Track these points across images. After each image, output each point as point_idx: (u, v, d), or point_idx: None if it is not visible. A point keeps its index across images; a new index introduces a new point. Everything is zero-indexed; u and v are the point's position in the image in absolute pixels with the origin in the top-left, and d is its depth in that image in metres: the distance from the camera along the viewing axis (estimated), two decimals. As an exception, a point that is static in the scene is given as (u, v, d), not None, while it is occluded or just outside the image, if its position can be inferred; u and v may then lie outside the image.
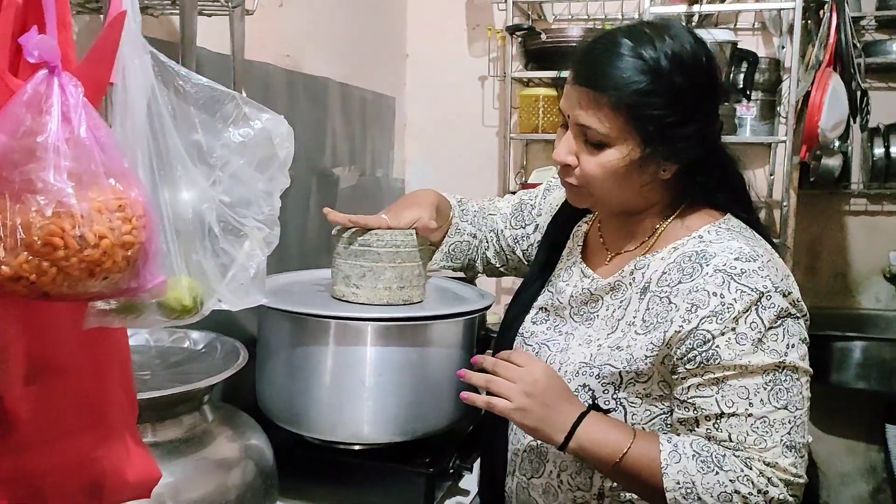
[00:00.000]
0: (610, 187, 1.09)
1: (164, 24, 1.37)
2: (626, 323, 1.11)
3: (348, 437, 1.37)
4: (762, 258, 1.05)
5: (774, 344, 1.02)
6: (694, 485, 1.00)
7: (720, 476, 1.00)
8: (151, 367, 1.15)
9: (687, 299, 1.04)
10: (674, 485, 1.00)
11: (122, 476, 0.77)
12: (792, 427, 1.01)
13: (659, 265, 1.10)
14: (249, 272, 0.80)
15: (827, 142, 2.22)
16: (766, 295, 1.02)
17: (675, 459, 1.01)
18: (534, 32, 2.40)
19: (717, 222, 1.12)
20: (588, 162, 1.08)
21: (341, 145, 2.14)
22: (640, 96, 1.03)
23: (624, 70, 1.03)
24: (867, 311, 2.67)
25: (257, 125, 0.80)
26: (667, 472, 1.01)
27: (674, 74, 1.04)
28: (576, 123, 1.07)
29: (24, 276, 0.59)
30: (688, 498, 1.00)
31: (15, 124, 0.59)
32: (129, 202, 0.63)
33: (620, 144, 1.06)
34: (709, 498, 0.99)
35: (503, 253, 1.42)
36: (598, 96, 1.04)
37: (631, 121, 1.04)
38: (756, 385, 1.01)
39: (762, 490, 0.99)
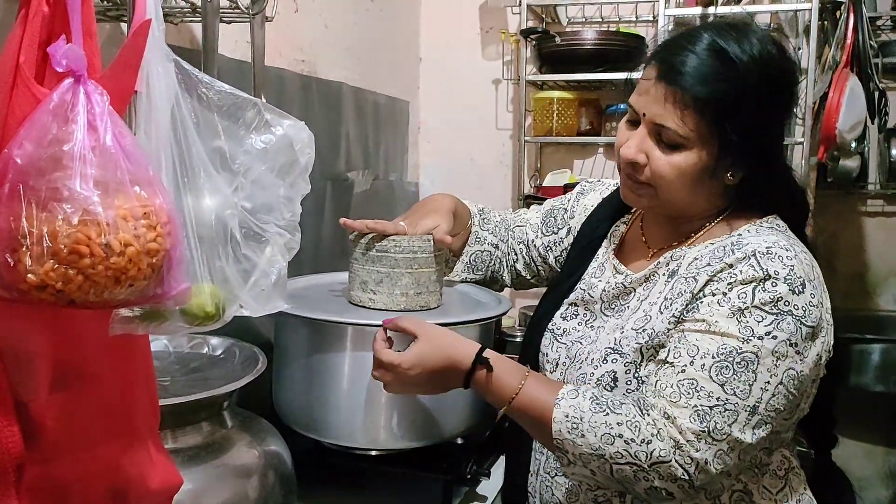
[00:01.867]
0: (678, 189, 1.07)
1: (184, 31, 1.37)
2: (648, 303, 1.11)
3: (366, 442, 1.37)
4: (796, 252, 1.03)
5: (754, 323, 0.98)
6: (581, 420, 0.98)
7: (609, 417, 0.98)
8: (171, 372, 1.15)
9: (707, 273, 1.04)
10: (562, 417, 0.99)
11: (145, 483, 0.77)
12: (716, 407, 0.96)
13: (693, 255, 1.10)
14: (271, 278, 0.81)
15: (845, 143, 2.20)
16: (772, 279, 0.99)
17: (573, 396, 1.01)
18: (548, 35, 2.40)
19: (760, 221, 1.11)
20: (660, 161, 1.06)
21: (355, 149, 2.14)
22: (724, 102, 1.01)
23: (712, 72, 1.01)
24: (886, 312, 2.64)
25: (279, 131, 0.80)
26: (559, 404, 1.00)
27: (758, 80, 1.02)
28: (652, 122, 1.05)
29: (50, 284, 0.59)
30: (572, 433, 0.98)
31: (41, 133, 0.59)
32: (153, 209, 0.64)
33: (697, 148, 1.04)
34: (592, 436, 0.97)
35: (534, 264, 1.41)
36: (683, 98, 1.02)
37: (714, 126, 1.02)
38: (707, 349, 0.98)
39: (645, 439, 0.96)
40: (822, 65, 2.28)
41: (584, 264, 1.26)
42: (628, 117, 1.11)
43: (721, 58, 1.02)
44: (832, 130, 2.12)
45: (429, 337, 1.10)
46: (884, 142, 2.53)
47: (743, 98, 1.02)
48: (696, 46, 1.03)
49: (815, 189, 2.35)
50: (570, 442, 0.99)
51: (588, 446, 0.98)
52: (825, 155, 2.25)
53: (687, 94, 1.01)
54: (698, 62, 1.02)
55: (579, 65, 2.38)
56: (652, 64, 1.07)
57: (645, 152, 1.07)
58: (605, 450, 0.97)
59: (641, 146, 1.07)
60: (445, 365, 1.08)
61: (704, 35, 1.04)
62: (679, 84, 1.02)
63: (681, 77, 1.02)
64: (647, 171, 1.08)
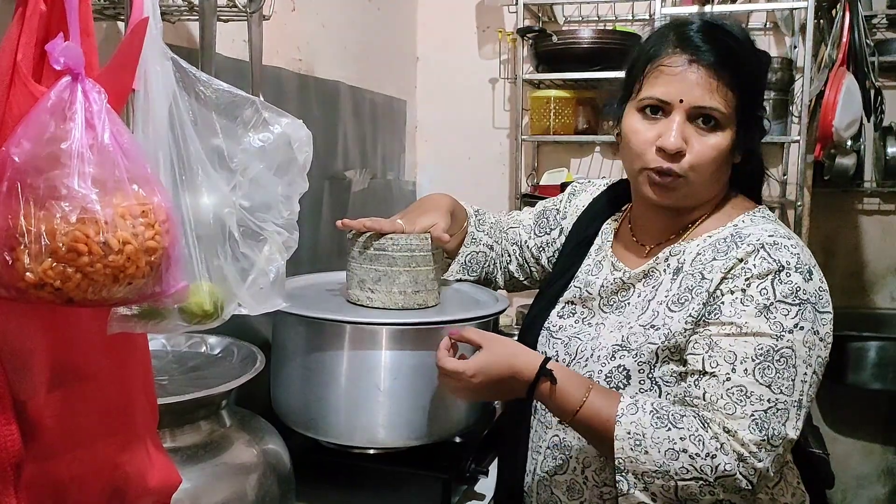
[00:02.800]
0: (710, 172, 1.09)
1: (181, 30, 1.37)
2: (657, 303, 1.11)
3: (364, 441, 1.37)
4: (797, 240, 1.06)
5: (782, 318, 0.99)
6: (644, 437, 0.98)
7: (672, 432, 0.97)
8: (169, 371, 1.15)
9: (720, 269, 1.05)
10: (624, 434, 0.99)
11: (143, 482, 0.77)
12: (770, 409, 0.97)
13: (694, 249, 1.11)
14: (269, 276, 0.81)
15: (841, 141, 2.21)
16: (786, 270, 1.01)
17: (633, 411, 1.00)
18: (544, 34, 2.40)
19: (752, 211, 1.14)
20: (702, 145, 1.07)
21: (353, 149, 2.14)
22: (755, 81, 1.08)
23: (743, 54, 1.07)
24: (883, 310, 2.65)
25: (277, 130, 0.80)
26: (620, 421, 0.99)
27: (758, 60, 1.10)
28: (694, 106, 1.06)
29: (48, 282, 0.59)
30: (635, 449, 0.98)
31: (39, 131, 0.59)
32: (152, 207, 0.63)
33: (729, 127, 1.07)
34: (656, 453, 0.97)
35: (527, 265, 1.41)
36: (728, 78, 1.05)
37: (741, 103, 1.06)
38: (745, 353, 0.99)
39: (710, 454, 0.96)
40: (819, 63, 2.28)
41: (577, 263, 1.26)
42: (642, 113, 1.10)
43: (732, 38, 1.07)
44: (829, 128, 2.13)
45: (492, 346, 1.09)
46: (880, 140, 2.54)
47: (759, 72, 1.10)
48: (707, 29, 1.07)
49: (811, 187, 2.35)
50: (633, 460, 0.98)
51: (652, 462, 0.97)
52: (822, 153, 2.26)
53: (731, 74, 1.05)
54: (723, 43, 1.06)
55: (576, 63, 2.38)
56: (672, 51, 1.08)
57: (685, 139, 1.07)
58: (670, 466, 0.96)
59: (682, 133, 1.07)
60: (508, 374, 1.07)
61: (719, 24, 1.09)
62: (717, 64, 1.05)
63: (718, 57, 1.05)
64: (688, 159, 1.07)
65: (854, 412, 2.66)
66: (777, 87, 2.35)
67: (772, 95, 2.33)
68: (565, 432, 1.17)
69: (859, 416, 2.67)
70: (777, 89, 2.35)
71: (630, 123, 1.12)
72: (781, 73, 2.36)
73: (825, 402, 2.67)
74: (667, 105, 1.07)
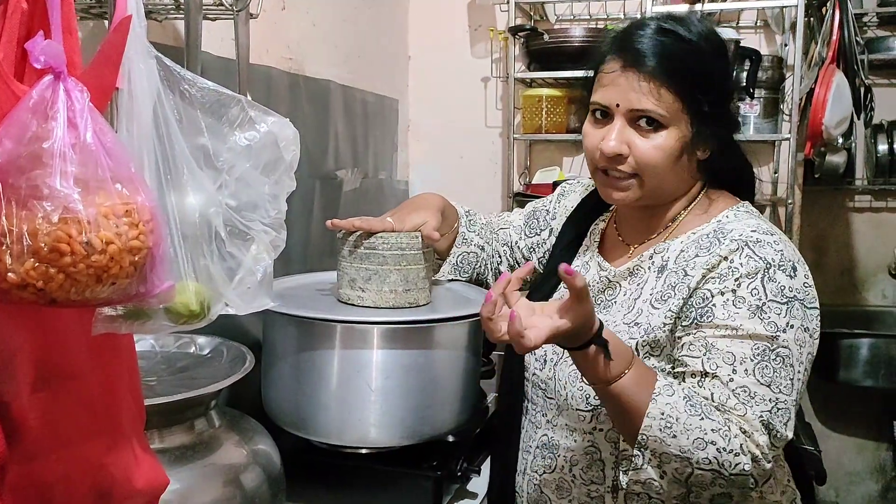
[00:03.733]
0: (663, 171, 1.09)
1: (168, 28, 1.37)
2: (641, 301, 1.12)
3: (355, 440, 1.37)
4: (779, 235, 1.07)
5: (775, 317, 1.00)
6: (677, 420, 0.97)
7: (704, 422, 0.97)
8: (157, 372, 1.14)
9: (702, 266, 1.05)
10: (658, 413, 0.98)
11: (130, 483, 0.76)
12: (773, 408, 0.98)
13: (678, 247, 1.12)
14: (257, 276, 0.80)
15: (831, 138, 2.21)
16: (773, 267, 1.02)
17: (669, 393, 1.00)
18: (536, 33, 2.40)
19: (735, 206, 1.14)
20: (644, 146, 1.08)
21: (344, 148, 2.14)
22: (693, 76, 1.07)
23: (675, 51, 1.07)
24: (874, 307, 2.66)
25: (263, 128, 0.79)
26: (656, 400, 0.98)
27: (712, 55, 1.10)
28: (629, 109, 1.07)
29: (31, 282, 0.59)
30: (664, 431, 0.97)
31: (21, 130, 0.59)
32: (135, 207, 0.63)
33: (675, 126, 1.07)
34: (684, 439, 0.97)
35: (518, 266, 1.41)
36: (657, 78, 1.05)
37: (687, 100, 1.06)
38: (743, 354, 1.00)
39: (735, 451, 0.97)
40: (809, 61, 2.29)
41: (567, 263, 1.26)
42: (593, 117, 1.13)
43: (676, 37, 1.08)
44: (819, 126, 2.13)
45: None
46: (870, 137, 2.55)
47: (705, 70, 1.08)
48: (650, 32, 1.08)
49: (802, 185, 2.36)
50: (658, 440, 0.98)
51: (678, 448, 0.97)
52: (812, 151, 2.26)
53: (659, 73, 1.05)
54: (658, 43, 1.07)
55: (568, 62, 2.38)
56: (611, 58, 1.10)
57: (626, 143, 1.09)
58: (695, 454, 0.97)
59: (621, 137, 1.08)
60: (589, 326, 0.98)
61: (650, 23, 1.10)
62: (649, 66, 1.06)
63: (648, 59, 1.06)
64: (631, 161, 1.09)
65: (846, 409, 2.67)
66: (767, 85, 2.35)
67: (762, 93, 2.34)
68: (553, 431, 1.17)
69: (851, 413, 2.68)
70: (767, 87, 2.35)
71: (584, 128, 1.15)
72: (772, 71, 2.36)
73: (817, 399, 2.67)
74: (608, 110, 1.10)
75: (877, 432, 2.68)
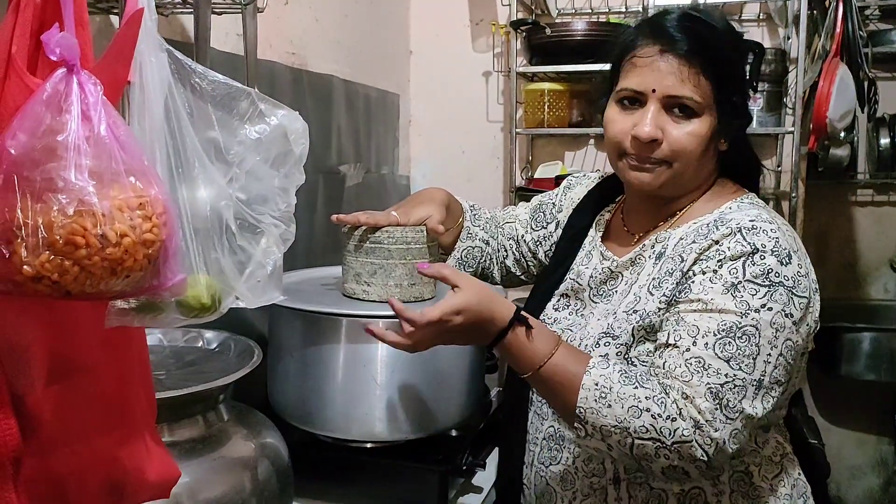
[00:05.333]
0: (694, 159, 1.10)
1: (175, 24, 1.36)
2: (638, 286, 1.12)
3: (361, 435, 1.37)
4: (780, 225, 1.06)
5: (749, 297, 0.99)
6: (611, 390, 0.98)
7: (638, 391, 0.98)
8: (166, 366, 1.14)
9: (696, 251, 1.06)
10: (592, 384, 0.99)
11: (142, 476, 0.77)
12: (727, 383, 0.97)
13: (678, 235, 1.12)
14: (267, 269, 0.80)
15: (835, 132, 2.21)
16: (760, 252, 1.01)
17: (604, 366, 1.01)
18: (538, 27, 2.39)
19: (740, 198, 1.14)
20: (678, 132, 1.08)
21: (347, 143, 2.14)
22: (729, 67, 1.08)
23: (713, 41, 1.08)
24: (876, 301, 2.66)
25: (273, 121, 0.79)
26: (590, 372, 1.00)
27: (736, 48, 1.11)
28: (667, 95, 1.07)
29: (46, 275, 0.59)
30: (599, 401, 0.98)
31: (35, 123, 0.59)
32: (149, 200, 0.63)
33: (707, 114, 1.08)
34: (619, 408, 0.97)
35: (524, 260, 1.41)
36: (698, 65, 1.06)
37: (721, 91, 1.07)
38: (708, 328, 0.99)
39: (671, 416, 0.96)
40: (812, 54, 2.28)
41: (572, 255, 1.27)
42: (619, 104, 1.12)
43: (712, 28, 1.09)
44: (822, 119, 2.13)
45: (472, 285, 1.04)
46: (873, 131, 2.55)
47: (734, 60, 1.10)
48: (690, 21, 1.09)
49: (805, 179, 2.36)
50: (595, 411, 0.98)
51: (613, 417, 0.97)
52: (816, 144, 2.26)
53: (697, 59, 1.06)
54: (698, 32, 1.07)
55: (570, 56, 2.37)
56: (645, 42, 1.09)
57: (660, 128, 1.08)
58: (631, 423, 0.97)
59: (657, 123, 1.08)
60: (487, 317, 1.03)
61: (688, 13, 1.11)
62: (691, 53, 1.06)
63: (687, 44, 1.06)
64: (665, 147, 1.09)
65: (847, 403, 2.68)
66: (771, 78, 2.35)
67: (765, 87, 2.33)
68: (560, 423, 1.17)
69: (853, 407, 2.68)
70: (771, 81, 2.35)
71: (608, 114, 1.14)
72: (775, 64, 2.36)
73: (819, 393, 2.68)
74: (641, 95, 1.09)
75: (878, 426, 2.69)
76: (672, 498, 1.09)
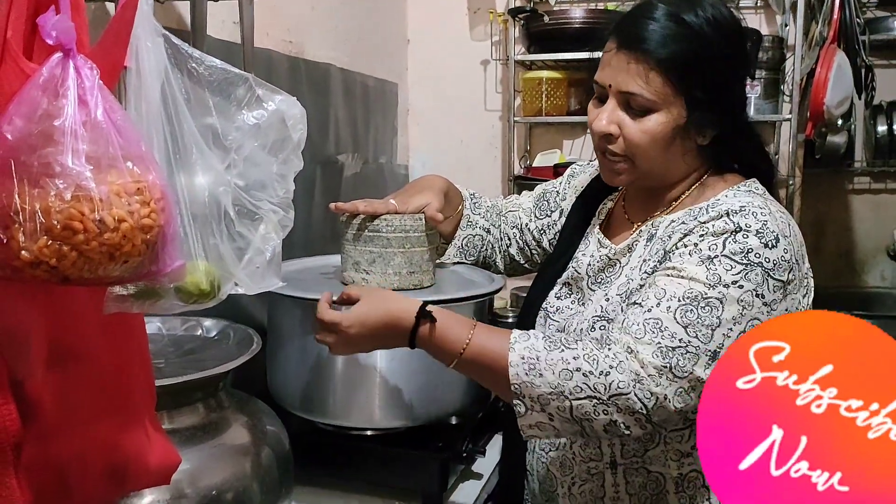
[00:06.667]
0: (654, 155, 1.09)
1: (170, 11, 1.36)
2: (629, 268, 1.13)
3: (361, 422, 1.37)
4: (771, 209, 1.05)
5: (722, 271, 0.99)
6: (538, 360, 0.98)
7: (565, 353, 0.98)
8: (165, 354, 1.14)
9: (682, 231, 1.06)
10: (518, 360, 0.99)
11: (143, 462, 0.77)
12: (679, 348, 0.97)
13: (671, 218, 1.12)
14: (265, 255, 0.80)
15: (833, 119, 2.21)
16: (743, 232, 1.01)
17: (525, 339, 1.01)
18: (536, 15, 2.39)
19: (739, 185, 1.13)
20: (632, 128, 1.08)
21: (344, 132, 2.13)
22: (686, 60, 1.05)
23: (670, 34, 1.05)
24: (873, 289, 2.67)
25: (271, 107, 0.79)
26: (513, 348, 1.00)
27: (716, 40, 1.07)
28: (619, 91, 1.07)
29: (44, 260, 0.59)
30: (530, 374, 0.98)
31: (31, 108, 0.59)
32: (147, 185, 0.63)
33: (666, 109, 1.07)
34: (550, 374, 0.97)
35: (528, 248, 1.41)
36: (646, 61, 1.05)
37: (677, 85, 1.05)
38: (674, 293, 1.00)
39: (604, 371, 0.96)
40: (810, 41, 2.28)
41: (574, 244, 1.27)
42: (596, 95, 1.14)
43: (677, 21, 1.06)
44: (820, 106, 2.13)
45: (370, 297, 1.09)
46: (870, 118, 2.54)
47: (703, 56, 1.06)
48: (652, 15, 1.07)
49: (802, 167, 2.36)
50: (528, 384, 0.98)
51: (547, 385, 0.97)
52: (813, 131, 2.26)
53: (649, 56, 1.05)
54: (656, 26, 1.06)
55: (568, 44, 2.37)
56: (611, 38, 1.10)
57: (616, 123, 1.09)
58: (564, 386, 0.97)
59: (612, 118, 1.09)
60: (386, 321, 1.06)
61: (659, 6, 1.08)
62: (639, 49, 1.05)
63: (641, 42, 1.06)
64: (621, 142, 1.10)
65: (845, 390, 2.68)
66: (768, 65, 2.34)
67: (763, 74, 2.33)
68: None
69: (851, 394, 2.69)
70: (768, 68, 2.35)
71: (589, 107, 1.16)
72: (772, 51, 2.35)
73: (817, 380, 2.68)
74: (604, 91, 1.10)
75: (876, 413, 2.70)
76: (670, 482, 1.10)
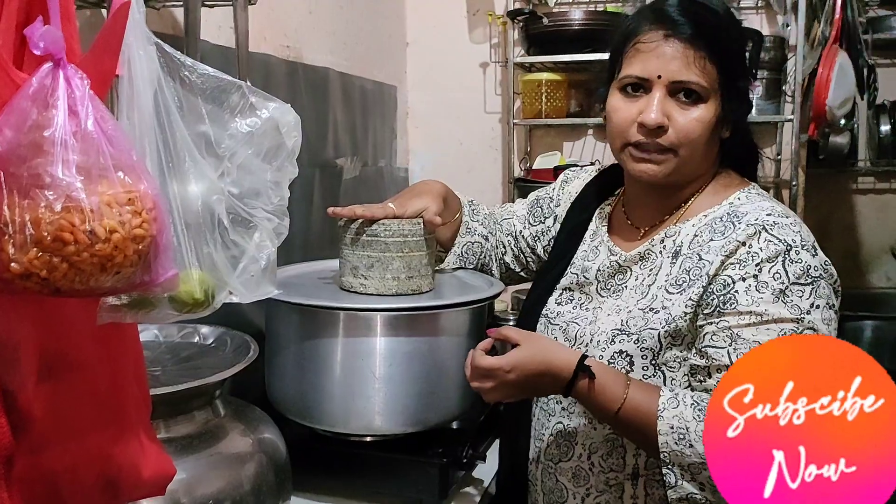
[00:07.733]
0: (699, 146, 1.08)
1: (166, 16, 1.35)
2: (657, 287, 1.11)
3: (360, 428, 1.37)
4: (794, 217, 1.06)
5: (798, 300, 0.99)
6: (688, 430, 0.97)
7: None
8: (162, 362, 1.14)
9: (719, 252, 1.04)
10: (667, 429, 0.98)
11: (137, 473, 0.76)
12: None
13: (690, 230, 1.11)
14: (260, 264, 0.80)
15: (835, 119, 2.20)
16: (794, 249, 1.00)
17: (674, 405, 1.00)
18: (535, 17, 2.38)
19: (746, 189, 1.13)
20: (684, 118, 1.06)
21: (343, 136, 2.13)
22: (728, 49, 1.06)
23: (712, 23, 1.06)
24: (878, 289, 2.66)
25: (264, 114, 0.79)
26: (662, 416, 0.99)
27: (738, 33, 1.09)
28: (672, 81, 1.06)
29: (34, 272, 0.58)
30: (679, 443, 0.98)
31: (21, 119, 0.58)
32: (138, 195, 0.62)
33: (713, 99, 1.07)
34: (700, 446, 0.96)
35: (523, 255, 1.40)
36: (699, 48, 1.04)
37: (723, 74, 1.06)
38: (769, 340, 0.98)
39: None
40: (811, 41, 2.27)
41: (572, 249, 1.26)
42: (622, 92, 1.11)
43: (708, 10, 1.07)
44: (822, 107, 2.12)
45: (529, 342, 1.07)
46: (873, 118, 2.53)
47: (736, 45, 1.08)
48: (682, 6, 1.07)
49: (805, 167, 2.34)
50: (679, 454, 0.98)
51: (697, 456, 0.96)
52: (816, 132, 2.25)
53: (702, 43, 1.04)
54: (697, 16, 1.05)
55: (567, 46, 2.37)
56: (649, 28, 1.08)
57: (666, 115, 1.07)
58: None
59: (663, 109, 1.06)
60: (544, 370, 1.04)
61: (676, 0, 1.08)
62: (694, 36, 1.05)
63: (693, 29, 1.05)
64: (671, 134, 1.07)
65: (850, 391, 2.67)
66: (769, 65, 2.33)
67: (764, 74, 2.32)
68: (569, 419, 1.16)
69: (855, 395, 2.68)
70: (769, 68, 2.34)
71: (612, 102, 1.12)
72: (774, 51, 2.34)
73: (821, 382, 2.67)
74: (646, 82, 1.08)
75: (880, 414, 2.68)
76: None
